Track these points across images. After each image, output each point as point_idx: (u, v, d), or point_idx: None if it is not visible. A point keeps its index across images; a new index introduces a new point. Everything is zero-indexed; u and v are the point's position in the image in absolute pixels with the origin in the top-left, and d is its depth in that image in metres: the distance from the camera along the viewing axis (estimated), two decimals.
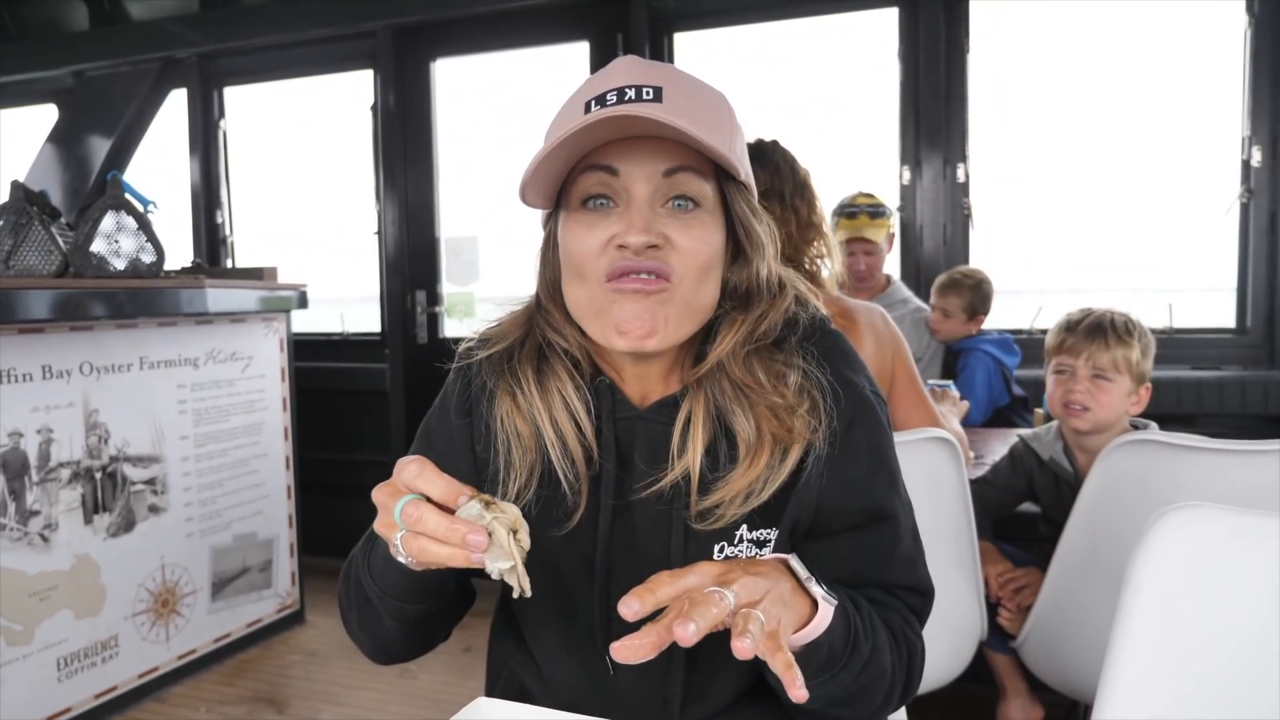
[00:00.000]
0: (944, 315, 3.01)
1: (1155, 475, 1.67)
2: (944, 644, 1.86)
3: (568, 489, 0.90)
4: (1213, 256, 3.27)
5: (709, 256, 0.86)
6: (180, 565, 2.93)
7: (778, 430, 0.86)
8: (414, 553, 0.73)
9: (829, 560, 0.90)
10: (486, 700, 0.84)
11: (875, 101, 3.49)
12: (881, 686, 0.85)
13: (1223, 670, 0.96)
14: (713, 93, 0.89)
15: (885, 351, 1.80)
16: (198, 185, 4.46)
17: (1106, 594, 1.23)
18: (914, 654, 0.91)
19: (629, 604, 0.67)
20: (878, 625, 0.85)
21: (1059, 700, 2.15)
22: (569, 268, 0.87)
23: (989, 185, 3.40)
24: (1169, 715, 0.97)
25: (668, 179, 0.84)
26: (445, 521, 0.71)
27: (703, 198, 0.86)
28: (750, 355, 0.89)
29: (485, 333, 0.99)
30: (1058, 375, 1.97)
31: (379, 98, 4.03)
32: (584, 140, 0.82)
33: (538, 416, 0.90)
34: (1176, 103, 3.29)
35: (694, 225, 0.85)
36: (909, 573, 0.93)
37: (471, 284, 4.01)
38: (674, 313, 0.84)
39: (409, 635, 0.92)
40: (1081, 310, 2.00)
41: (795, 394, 0.88)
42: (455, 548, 0.71)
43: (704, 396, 0.88)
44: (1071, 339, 1.95)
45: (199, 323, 2.96)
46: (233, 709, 2.75)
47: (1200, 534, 0.96)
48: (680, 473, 0.87)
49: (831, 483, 0.89)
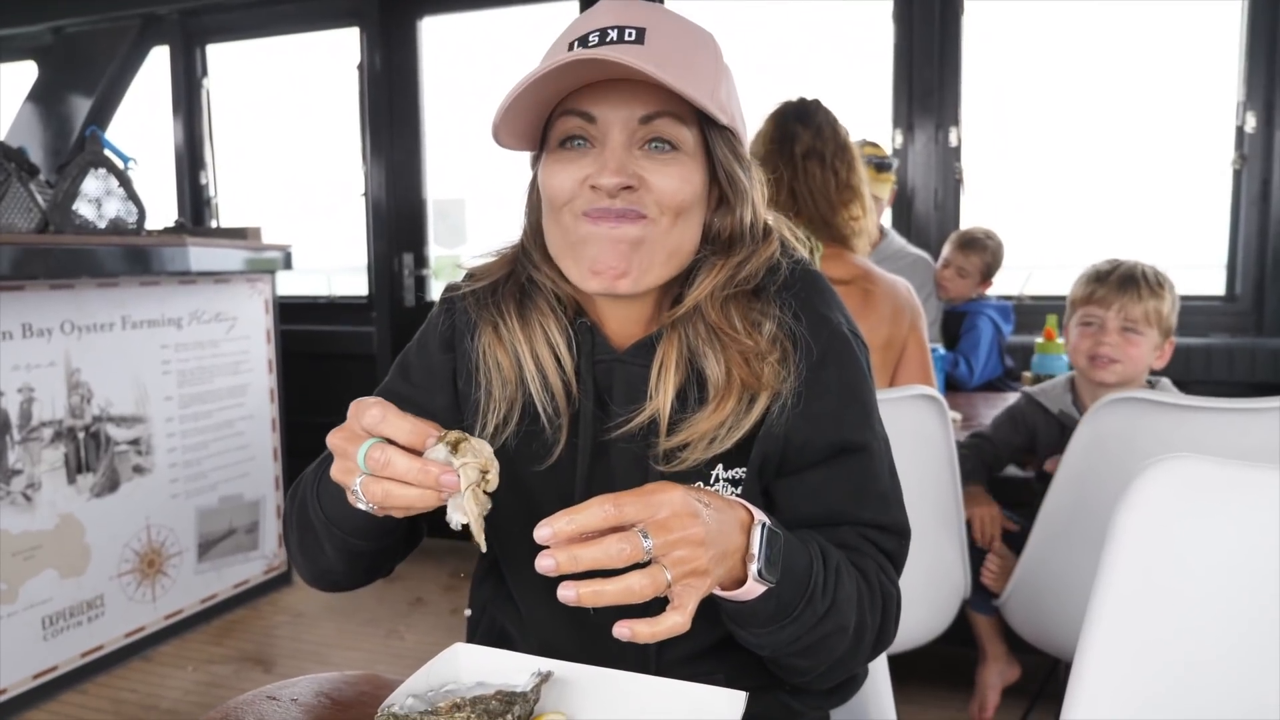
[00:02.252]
0: (959, 274, 2.97)
1: (1143, 433, 1.67)
2: (927, 602, 1.87)
3: (547, 423, 0.89)
4: (1203, 228, 3.26)
5: (686, 198, 0.85)
6: (166, 526, 2.92)
7: (746, 376, 0.86)
8: (377, 498, 0.71)
9: (800, 495, 0.90)
10: (463, 646, 0.84)
11: (868, 64, 3.45)
12: (843, 640, 0.84)
13: (1205, 624, 0.96)
14: (699, 34, 0.87)
15: (903, 320, 1.81)
16: (181, 146, 4.39)
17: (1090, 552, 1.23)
18: (889, 601, 0.90)
19: (543, 561, 0.66)
20: (845, 579, 0.84)
21: (1040, 662, 2.17)
22: (546, 207, 0.87)
23: (981, 150, 3.38)
24: (1149, 667, 0.96)
25: (645, 125, 0.83)
26: (415, 463, 0.69)
27: (681, 142, 0.84)
28: (728, 300, 0.89)
29: (472, 269, 0.98)
30: (1084, 327, 1.91)
31: (365, 56, 3.97)
32: (559, 83, 0.81)
33: (519, 349, 0.90)
34: (1172, 70, 3.26)
35: (670, 165, 0.84)
36: (883, 510, 0.91)
37: (459, 247, 3.98)
38: (647, 255, 0.84)
39: (350, 566, 0.90)
40: (1109, 261, 1.94)
41: (768, 342, 0.88)
42: (426, 489, 0.69)
43: (678, 339, 0.88)
44: (1102, 290, 1.89)
45: (182, 283, 2.93)
46: (220, 668, 2.76)
47: (1187, 485, 0.95)
48: (650, 414, 0.87)
49: (800, 418, 0.88)
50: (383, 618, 3.12)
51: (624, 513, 0.67)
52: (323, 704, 0.86)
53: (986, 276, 2.99)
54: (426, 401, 0.96)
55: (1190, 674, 0.95)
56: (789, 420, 0.88)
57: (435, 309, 1.00)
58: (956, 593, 1.92)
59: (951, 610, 1.92)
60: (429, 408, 0.95)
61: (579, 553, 0.66)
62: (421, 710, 0.71)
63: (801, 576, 0.79)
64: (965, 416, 2.32)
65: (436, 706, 0.71)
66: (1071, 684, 0.97)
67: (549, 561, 0.66)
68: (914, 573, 0.98)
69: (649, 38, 0.81)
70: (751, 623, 0.79)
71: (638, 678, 0.80)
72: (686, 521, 0.69)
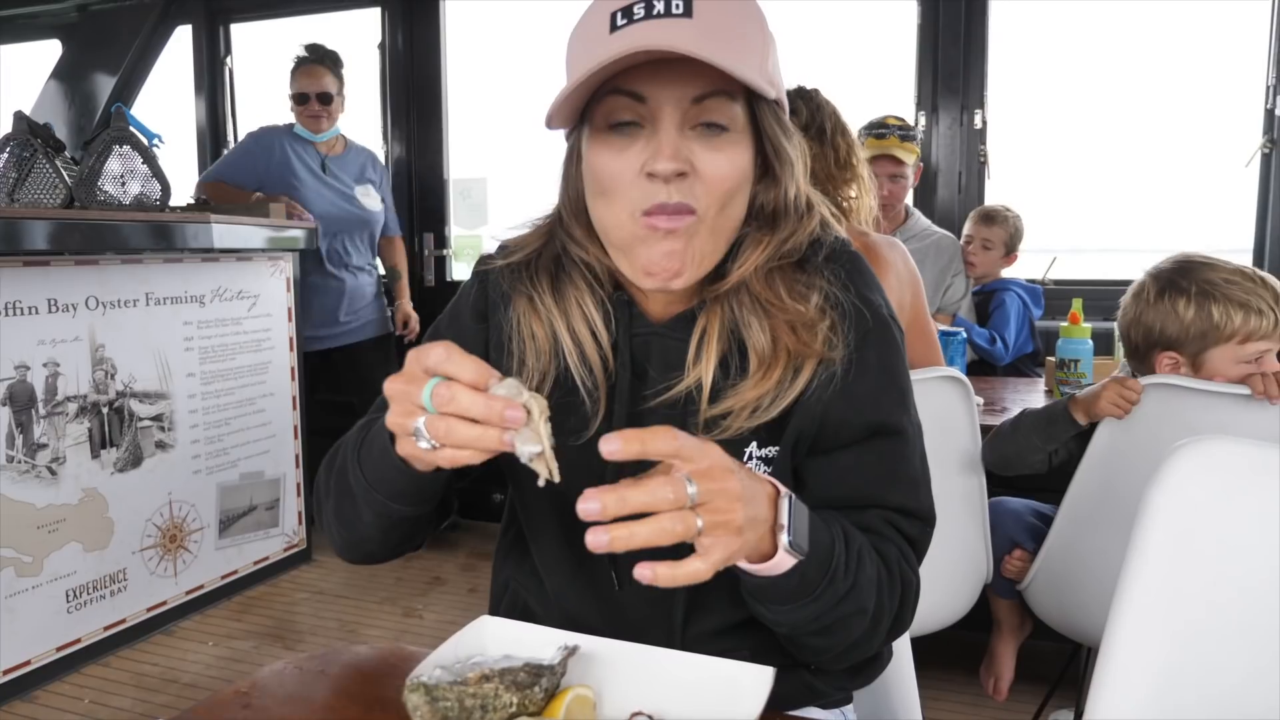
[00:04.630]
0: (984, 247, 3.00)
1: (1171, 419, 1.65)
2: (949, 586, 1.86)
3: (586, 396, 0.89)
4: (1230, 214, 3.22)
5: (736, 180, 0.84)
6: (188, 502, 2.95)
7: (794, 345, 0.85)
8: (440, 435, 0.69)
9: (830, 475, 0.89)
10: (490, 619, 0.84)
11: (892, 44, 3.42)
12: (861, 622, 0.83)
13: (1237, 607, 0.94)
14: (744, 2, 0.85)
15: (905, 290, 1.81)
16: (203, 124, 4.41)
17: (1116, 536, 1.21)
18: (908, 589, 0.88)
19: (588, 503, 0.64)
20: (867, 562, 0.83)
21: (1063, 646, 2.16)
22: (596, 189, 0.85)
23: (1005, 133, 3.35)
24: (1179, 652, 0.95)
25: (696, 105, 0.81)
26: (481, 398, 0.68)
27: (732, 121, 0.83)
28: (773, 273, 0.88)
29: (505, 241, 0.98)
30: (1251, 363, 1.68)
31: (387, 36, 3.97)
32: (609, 65, 0.78)
33: (555, 322, 0.90)
34: (1200, 53, 3.22)
35: (722, 148, 0.82)
36: (911, 495, 0.91)
37: (480, 227, 3.98)
38: (699, 246, 0.83)
39: (386, 535, 0.89)
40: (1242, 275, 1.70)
41: (816, 311, 0.87)
42: (491, 425, 0.68)
43: (720, 310, 0.87)
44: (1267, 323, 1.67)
45: (205, 260, 2.94)
46: (240, 644, 2.78)
47: (1219, 467, 0.94)
48: (693, 381, 0.86)
49: (839, 397, 0.87)
50: (401, 596, 3.14)
51: (681, 445, 0.67)
52: (350, 675, 0.87)
53: (1010, 250, 3.01)
54: None
55: (1221, 658, 0.94)
56: (829, 397, 0.87)
57: (468, 281, 1.00)
58: (979, 577, 1.91)
59: (973, 595, 1.91)
60: None
61: (627, 494, 0.65)
62: (450, 681, 0.71)
63: (825, 555, 0.78)
64: (987, 401, 2.30)
65: (465, 678, 0.71)
66: (1098, 670, 0.96)
67: (594, 504, 0.64)
68: (936, 557, 0.97)
69: (697, 11, 0.79)
70: (774, 598, 0.79)
71: (664, 652, 0.79)
72: (726, 475, 0.68)
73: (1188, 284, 1.71)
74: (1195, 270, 1.72)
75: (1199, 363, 1.71)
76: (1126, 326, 1.82)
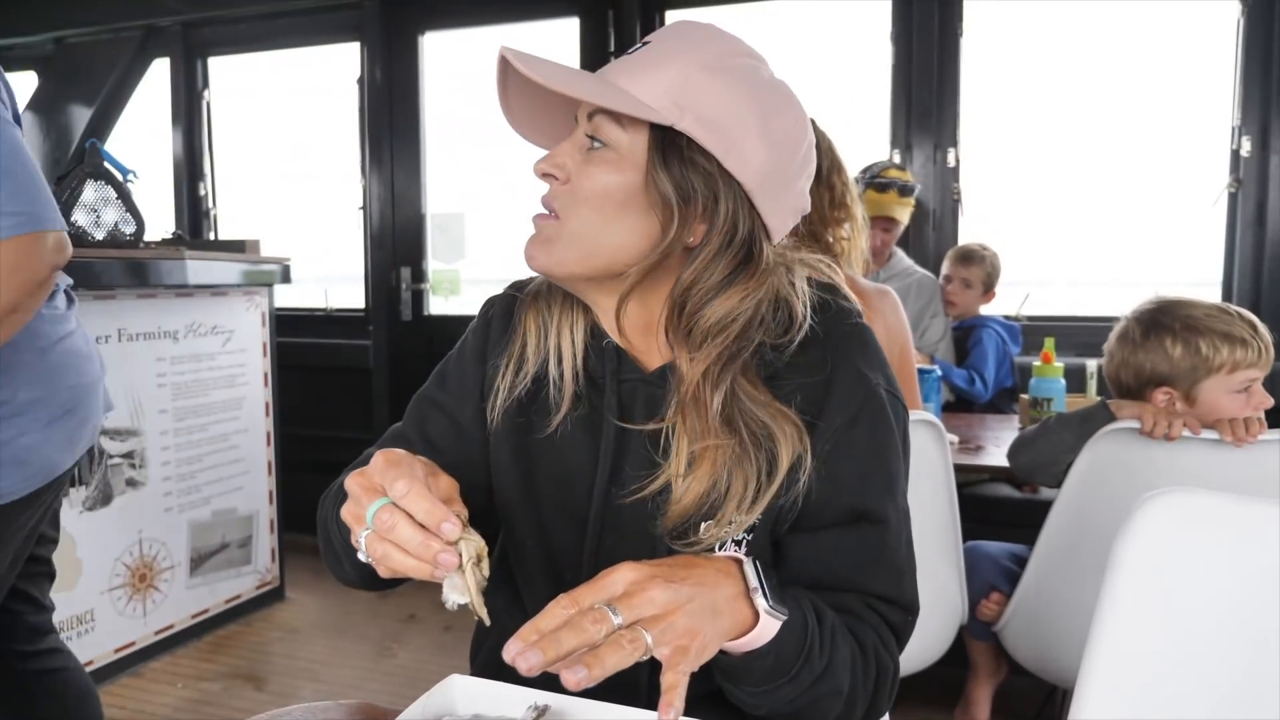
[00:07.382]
0: (965, 285, 3.05)
1: (1143, 463, 1.66)
2: (924, 629, 1.85)
3: (553, 388, 0.93)
4: (1198, 250, 3.28)
5: (600, 196, 0.85)
6: (158, 540, 2.90)
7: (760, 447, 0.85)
8: (378, 557, 0.71)
9: (808, 555, 0.88)
10: (459, 677, 0.83)
11: (866, 84, 3.46)
12: (836, 704, 0.82)
13: (1205, 654, 0.95)
14: (706, 41, 0.87)
15: (894, 343, 1.81)
16: (180, 157, 4.39)
17: (1090, 578, 1.22)
18: (884, 674, 0.87)
19: (527, 657, 0.64)
20: (840, 640, 0.81)
21: (1038, 686, 2.16)
22: None
23: (978, 170, 3.39)
24: (1150, 697, 0.96)
25: (590, 121, 0.87)
26: (419, 536, 0.69)
27: (615, 142, 0.85)
28: (736, 377, 0.85)
29: (519, 280, 1.04)
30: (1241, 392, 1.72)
31: (365, 71, 3.98)
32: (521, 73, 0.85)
33: (547, 321, 0.95)
34: (1167, 93, 3.28)
35: (593, 163, 0.86)
36: (893, 585, 0.89)
37: (458, 262, 3.97)
38: (557, 247, 0.87)
39: (368, 582, 0.93)
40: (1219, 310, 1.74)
41: (782, 417, 0.85)
42: (422, 563, 0.69)
43: (683, 418, 0.86)
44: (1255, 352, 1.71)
45: (179, 295, 2.92)
46: (210, 685, 2.73)
47: (1187, 517, 0.95)
48: (661, 484, 0.86)
49: (822, 477, 0.86)
50: (375, 635, 3.10)
51: (580, 601, 0.68)
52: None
53: (989, 288, 3.06)
54: (457, 411, 0.99)
55: (1190, 704, 0.95)
56: (810, 476, 0.85)
57: (476, 319, 1.04)
58: (955, 618, 1.91)
59: (949, 637, 1.91)
60: (459, 418, 0.99)
61: (560, 636, 0.66)
62: None
63: (799, 633, 0.77)
64: (963, 439, 2.31)
65: None
66: (1073, 713, 0.97)
67: (536, 657, 0.64)
68: None
69: (653, 42, 0.87)
70: (749, 680, 0.78)
71: (638, 713, 0.79)
72: (646, 585, 0.69)
73: (1170, 322, 1.75)
74: (1175, 309, 1.76)
75: (1193, 395, 1.74)
76: (1115, 369, 1.84)
